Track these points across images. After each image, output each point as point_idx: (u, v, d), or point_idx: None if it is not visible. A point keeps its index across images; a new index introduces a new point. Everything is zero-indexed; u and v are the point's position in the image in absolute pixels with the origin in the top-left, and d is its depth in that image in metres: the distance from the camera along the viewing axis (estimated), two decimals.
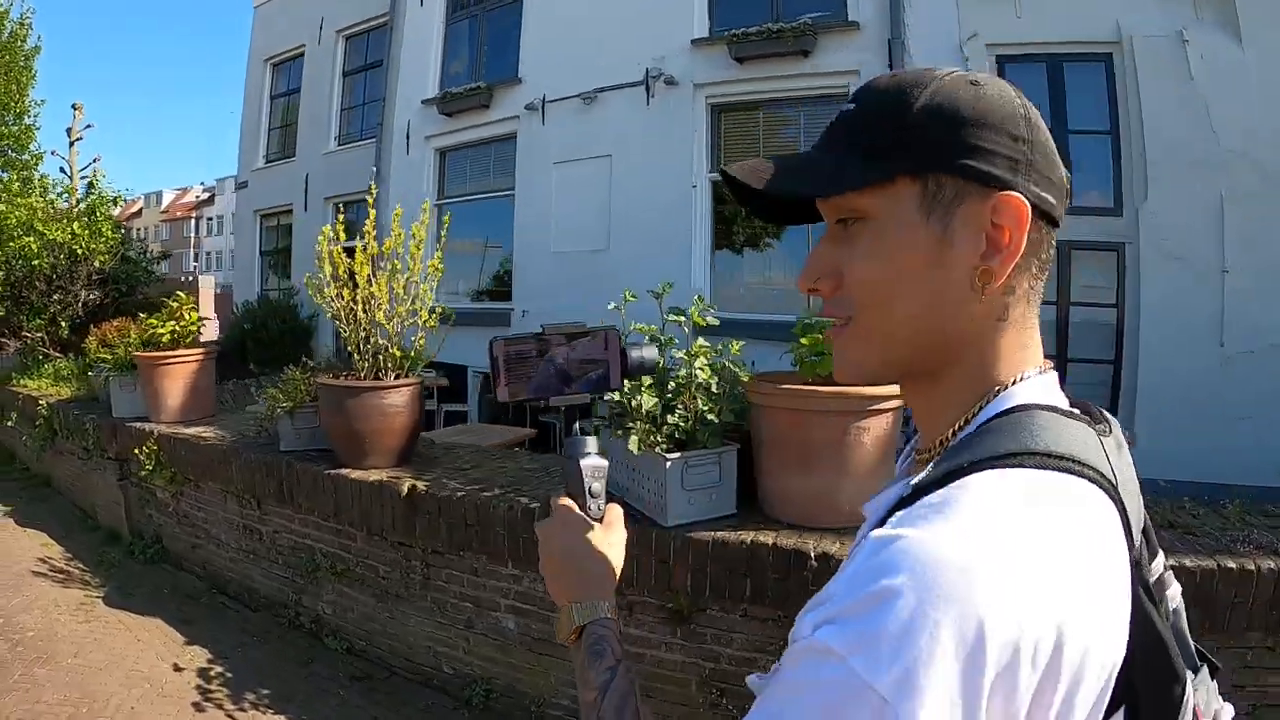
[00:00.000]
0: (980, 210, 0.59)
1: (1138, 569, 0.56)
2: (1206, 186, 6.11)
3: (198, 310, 5.31)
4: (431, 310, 3.70)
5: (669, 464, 2.62)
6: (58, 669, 3.60)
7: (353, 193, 11.74)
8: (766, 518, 2.72)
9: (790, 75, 7.88)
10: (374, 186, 3.95)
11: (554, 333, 0.86)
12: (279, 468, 3.87)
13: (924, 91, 0.60)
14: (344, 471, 3.57)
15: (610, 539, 0.89)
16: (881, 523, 0.53)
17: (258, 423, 4.24)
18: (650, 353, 0.90)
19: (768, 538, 2.54)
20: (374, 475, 3.52)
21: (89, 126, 14.81)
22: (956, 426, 0.62)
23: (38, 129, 15.48)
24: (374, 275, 3.58)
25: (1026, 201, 0.58)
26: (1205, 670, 0.63)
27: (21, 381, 7.31)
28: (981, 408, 0.61)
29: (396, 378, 3.60)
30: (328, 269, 3.72)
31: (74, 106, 14.68)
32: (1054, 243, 0.64)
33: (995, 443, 0.55)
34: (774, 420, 2.67)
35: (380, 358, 3.59)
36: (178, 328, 5.01)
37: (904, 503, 0.54)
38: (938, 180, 0.59)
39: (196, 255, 54.56)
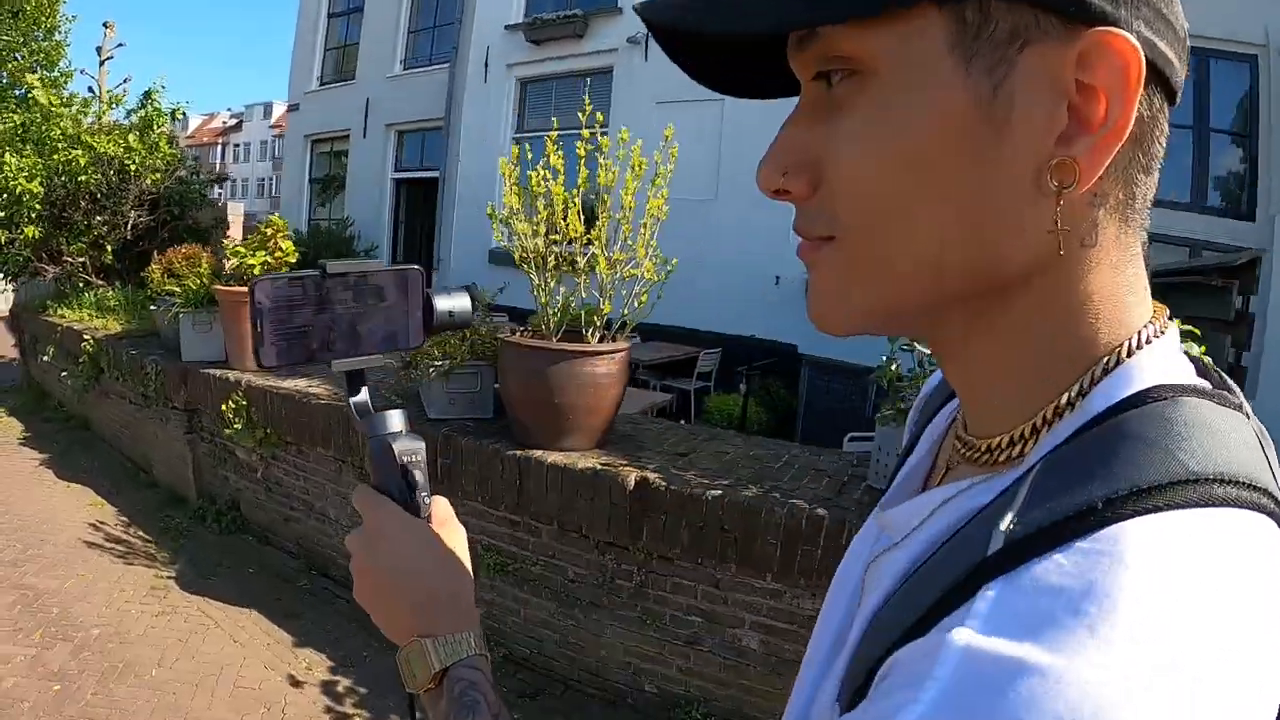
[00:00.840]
0: (1059, 59, 0.34)
1: None
2: None
3: (291, 239, 4.65)
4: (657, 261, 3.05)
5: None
6: (140, 684, 2.90)
7: (418, 120, 11.06)
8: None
9: None
10: (587, 104, 3.26)
11: (337, 274, 0.64)
12: (433, 441, 3.17)
13: None
14: (536, 454, 2.92)
15: (453, 542, 0.66)
16: (952, 593, 0.33)
17: (398, 381, 3.61)
18: (461, 303, 0.69)
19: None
20: (580, 461, 2.88)
21: (120, 45, 13.88)
22: (1047, 415, 0.39)
23: (68, 45, 14.50)
24: (596, 212, 2.97)
25: (1140, 48, 0.34)
26: None
27: (60, 311, 6.53)
28: (1085, 389, 0.38)
29: (600, 340, 2.98)
30: (514, 200, 3.09)
31: (105, 25, 13.73)
32: (1167, 129, 0.38)
33: (1144, 460, 0.33)
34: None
35: (590, 315, 2.97)
36: (271, 259, 4.35)
37: (992, 567, 0.32)
38: (984, 7, 0.34)
39: (221, 182, 53.79)
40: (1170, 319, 0.41)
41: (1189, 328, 2.59)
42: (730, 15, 0.38)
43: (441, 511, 0.68)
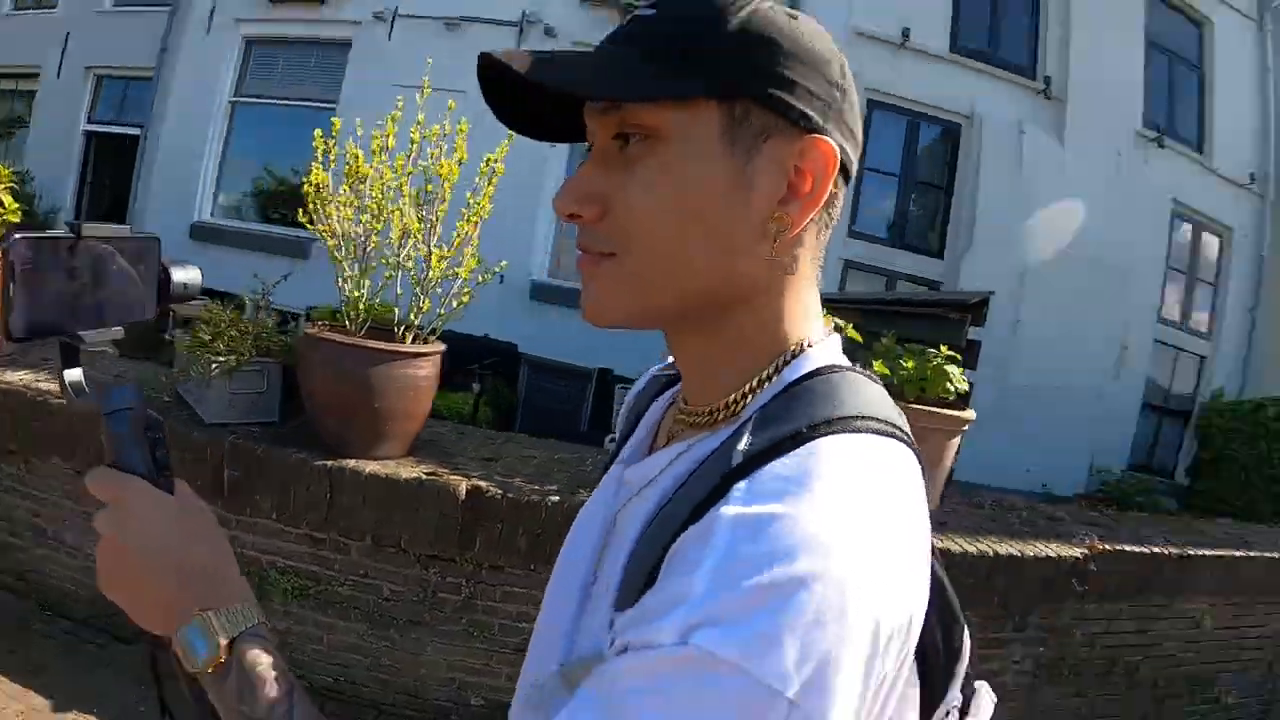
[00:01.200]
0: (787, 150, 0.54)
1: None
2: (1015, 256, 7.75)
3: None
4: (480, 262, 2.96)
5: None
6: None
7: (123, 67, 9.39)
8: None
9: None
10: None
11: (91, 237, 0.61)
12: (218, 451, 2.74)
13: (742, 9, 0.54)
14: (351, 464, 2.65)
15: (206, 517, 0.64)
16: (710, 496, 0.49)
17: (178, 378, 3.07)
18: (193, 275, 0.70)
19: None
20: (403, 471, 2.69)
21: None
22: (752, 386, 0.58)
23: None
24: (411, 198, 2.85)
25: (837, 151, 0.55)
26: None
27: None
28: (779, 368, 0.58)
29: (414, 340, 2.81)
30: (323, 177, 2.86)
31: None
32: (842, 201, 0.60)
33: (822, 407, 0.53)
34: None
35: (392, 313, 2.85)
36: None
37: (737, 472, 0.49)
38: (746, 108, 0.53)
39: None
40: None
41: (950, 353, 3.18)
42: (564, 76, 0.53)
43: (183, 488, 0.65)
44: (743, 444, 0.51)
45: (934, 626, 0.57)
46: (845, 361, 0.60)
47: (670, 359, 0.68)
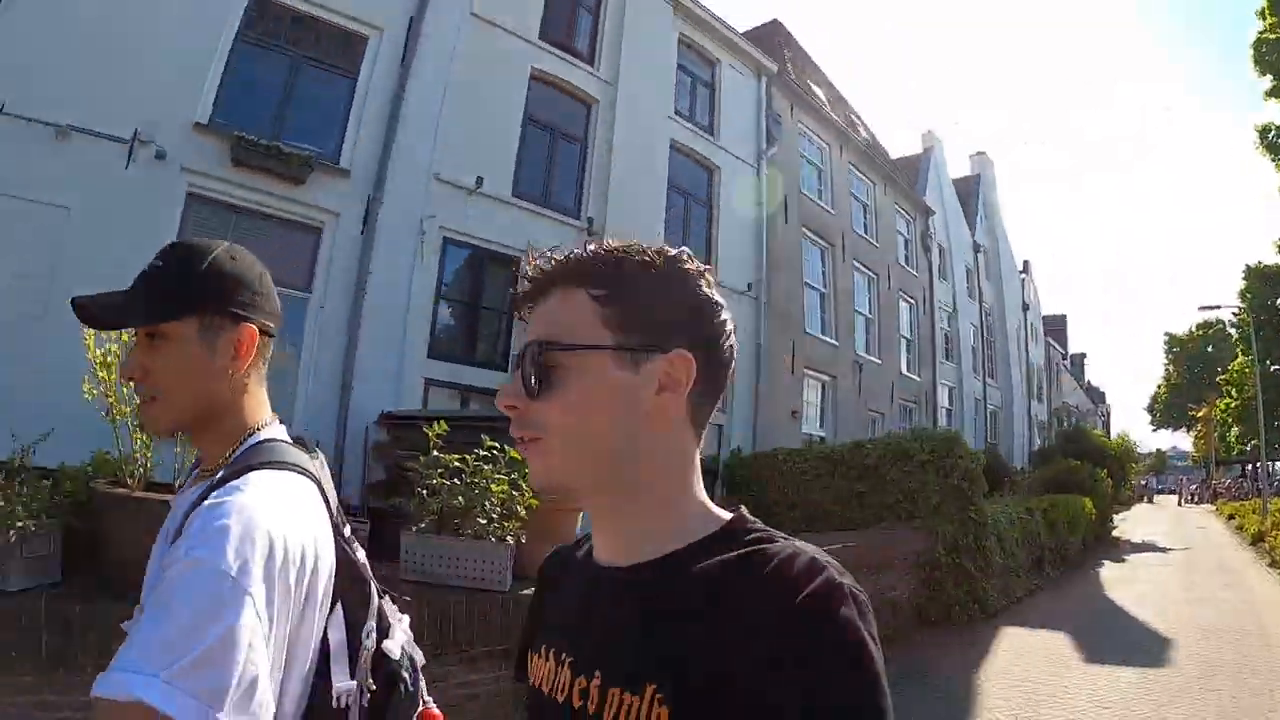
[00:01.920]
0: (231, 335, 1.08)
1: (338, 529, 1.07)
2: None
3: None
4: None
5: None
6: None
7: None
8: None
9: (280, 196, 8.67)
10: None
11: None
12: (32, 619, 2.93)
13: (203, 261, 1.07)
14: None
15: None
16: (199, 502, 0.93)
17: None
18: None
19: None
20: None
21: None
22: (229, 453, 1.07)
23: None
24: None
25: (256, 328, 1.10)
26: (388, 597, 1.20)
27: None
28: (243, 441, 1.08)
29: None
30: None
31: None
32: (270, 348, 1.14)
33: (258, 458, 1.03)
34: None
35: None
36: None
37: (213, 488, 0.95)
38: (213, 317, 1.07)
39: None
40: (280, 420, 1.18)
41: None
42: (117, 315, 1.09)
43: None
44: (219, 477, 0.98)
45: (347, 578, 1.04)
46: (284, 435, 1.11)
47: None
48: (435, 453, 4.46)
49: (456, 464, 4.39)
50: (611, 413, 0.77)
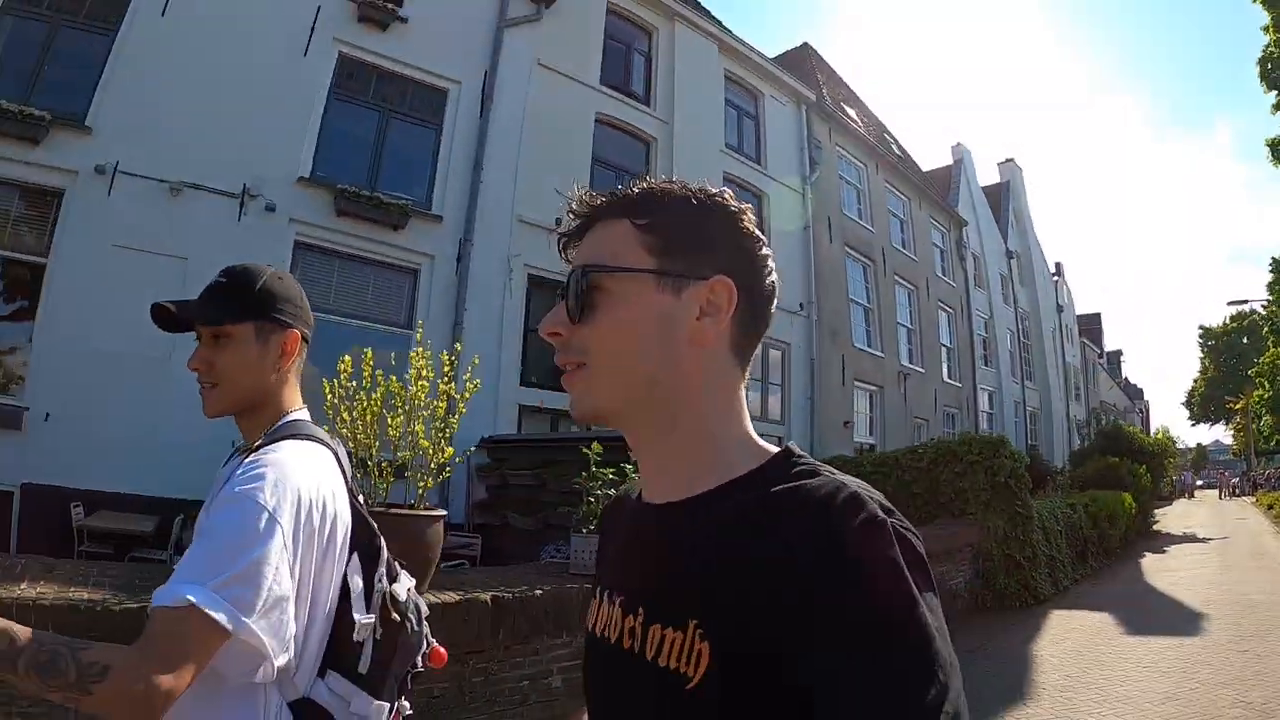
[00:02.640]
0: (279, 337, 1.32)
1: (352, 493, 1.28)
2: None
3: None
4: None
5: None
6: None
7: None
8: None
9: (379, 241, 9.27)
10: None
11: None
12: None
13: (260, 279, 1.31)
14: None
15: None
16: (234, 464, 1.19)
17: None
18: None
19: None
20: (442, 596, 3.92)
21: None
22: (264, 433, 1.27)
23: None
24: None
25: (299, 333, 1.34)
26: (398, 564, 1.39)
27: None
28: (275, 424, 1.29)
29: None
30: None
31: None
32: (304, 352, 1.37)
33: (288, 432, 1.25)
34: None
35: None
36: None
37: (253, 452, 1.18)
38: (265, 324, 1.30)
39: None
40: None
41: None
42: (193, 311, 1.33)
43: None
44: (255, 445, 1.23)
45: (361, 532, 1.26)
46: (306, 416, 1.34)
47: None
48: (592, 468, 5.00)
49: (612, 475, 4.89)
50: (653, 335, 0.76)
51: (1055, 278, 34.19)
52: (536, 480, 8.15)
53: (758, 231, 0.82)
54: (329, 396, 4.02)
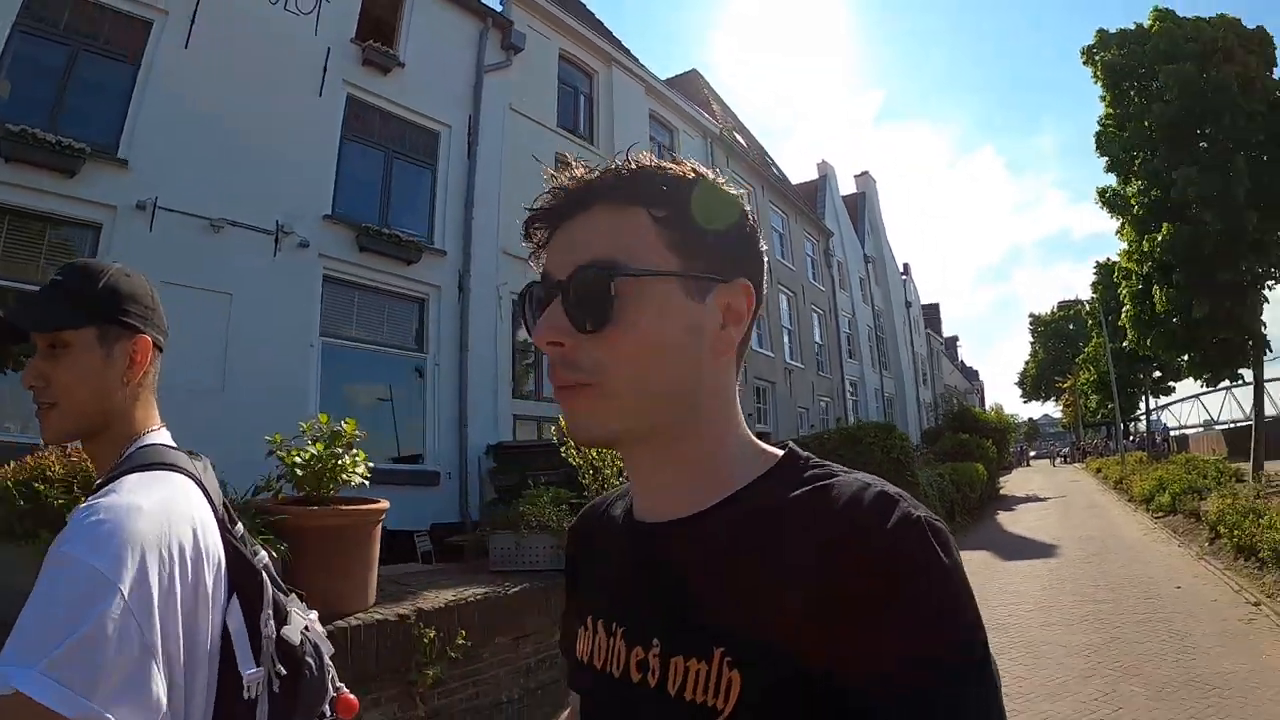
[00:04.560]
0: (127, 344, 1.14)
1: (224, 525, 1.09)
2: None
3: None
4: None
5: None
6: None
7: None
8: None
9: (394, 274, 10.30)
10: None
11: None
12: None
13: (102, 276, 1.13)
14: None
15: None
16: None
17: None
18: None
19: None
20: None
21: None
22: (116, 460, 1.09)
23: None
24: None
25: (150, 338, 1.16)
26: (295, 595, 1.22)
27: None
28: (128, 449, 1.11)
29: None
30: None
31: None
32: (159, 362, 1.21)
33: (137, 461, 1.06)
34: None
35: None
36: None
37: (93, 493, 0.99)
38: (110, 327, 1.11)
39: None
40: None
41: None
42: (21, 317, 1.16)
43: None
44: (99, 483, 1.04)
45: (239, 570, 1.07)
46: (167, 440, 1.15)
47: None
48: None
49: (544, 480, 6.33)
50: (682, 350, 0.68)
51: (904, 277, 38.73)
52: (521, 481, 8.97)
53: (756, 220, 0.75)
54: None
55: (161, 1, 8.62)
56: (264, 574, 1.13)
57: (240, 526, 1.16)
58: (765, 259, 0.76)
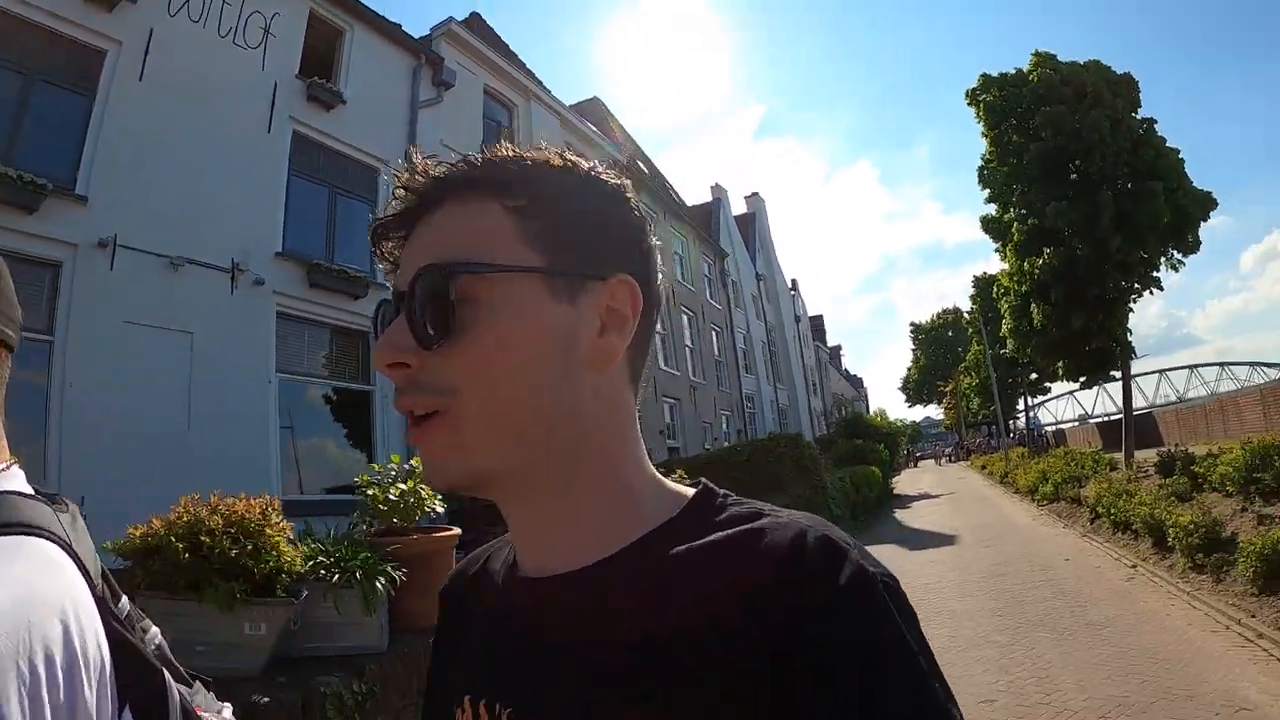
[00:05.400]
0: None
1: (105, 604, 0.70)
2: None
3: None
4: None
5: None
6: None
7: None
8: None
9: (340, 309, 10.83)
10: None
11: None
12: None
13: None
14: None
15: None
16: None
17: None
18: None
19: None
20: None
21: None
22: None
23: None
24: None
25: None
26: (199, 684, 0.83)
27: None
28: None
29: None
30: None
31: None
32: (10, 363, 0.78)
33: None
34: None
35: None
36: None
37: None
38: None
39: None
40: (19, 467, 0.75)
41: None
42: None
43: None
44: None
45: (131, 670, 0.70)
46: (21, 487, 0.71)
47: None
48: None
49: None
50: (549, 359, 0.57)
51: (793, 292, 41.37)
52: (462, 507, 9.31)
53: (644, 213, 0.64)
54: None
55: (115, 31, 8.85)
56: (164, 670, 0.79)
57: (125, 601, 0.80)
58: (655, 255, 0.64)
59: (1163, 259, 17.09)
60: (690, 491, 0.63)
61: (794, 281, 43.09)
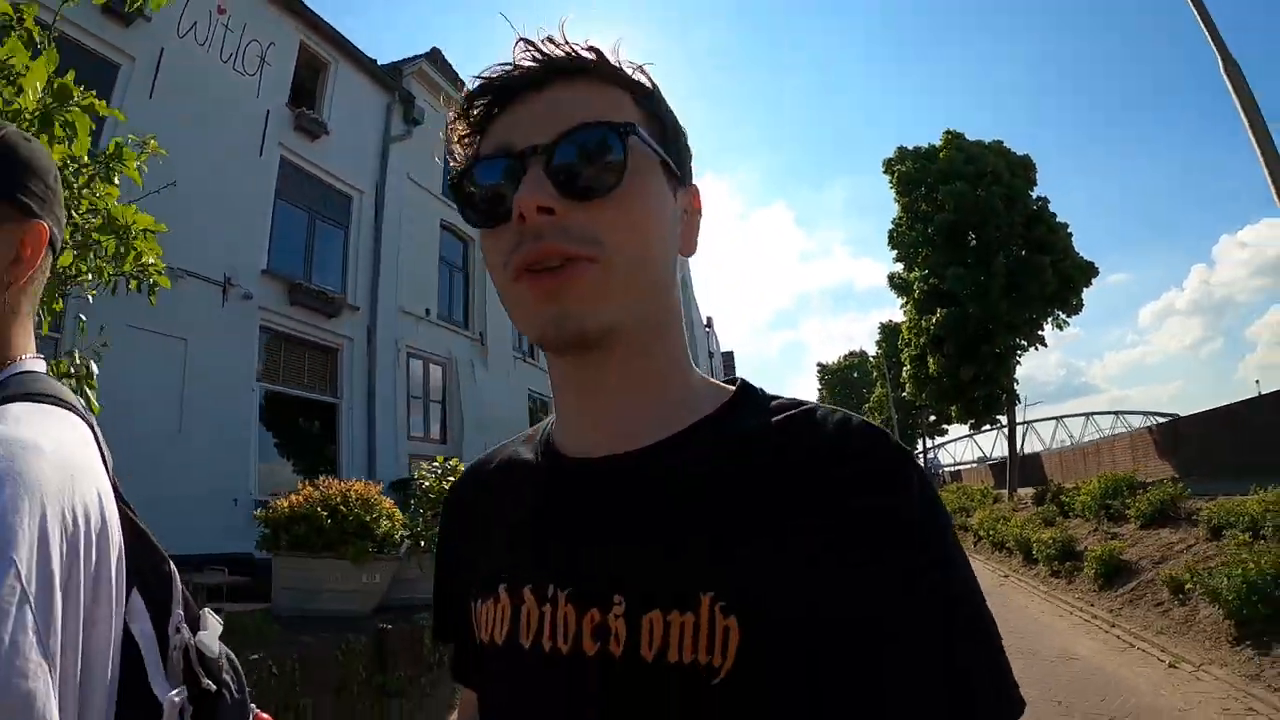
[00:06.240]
0: (16, 230, 0.80)
1: (117, 486, 0.78)
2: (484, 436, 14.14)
3: None
4: None
5: None
6: None
7: None
8: None
9: (316, 326, 11.88)
10: None
11: None
12: None
13: None
14: None
15: None
16: None
17: None
18: None
19: None
20: None
21: None
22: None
23: None
24: None
25: (47, 228, 0.82)
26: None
27: None
28: (2, 375, 0.79)
29: None
30: None
31: None
32: (53, 262, 0.87)
33: (18, 389, 0.75)
34: None
35: None
36: None
37: None
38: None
39: None
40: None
41: None
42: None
43: None
44: None
45: (141, 553, 0.76)
46: (43, 369, 0.83)
47: None
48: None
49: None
50: (668, 236, 0.64)
51: (708, 330, 43.61)
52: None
53: None
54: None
55: (130, 47, 9.58)
56: (169, 560, 0.81)
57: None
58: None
59: (1048, 320, 19.84)
60: (730, 387, 0.69)
61: (710, 319, 45.19)
